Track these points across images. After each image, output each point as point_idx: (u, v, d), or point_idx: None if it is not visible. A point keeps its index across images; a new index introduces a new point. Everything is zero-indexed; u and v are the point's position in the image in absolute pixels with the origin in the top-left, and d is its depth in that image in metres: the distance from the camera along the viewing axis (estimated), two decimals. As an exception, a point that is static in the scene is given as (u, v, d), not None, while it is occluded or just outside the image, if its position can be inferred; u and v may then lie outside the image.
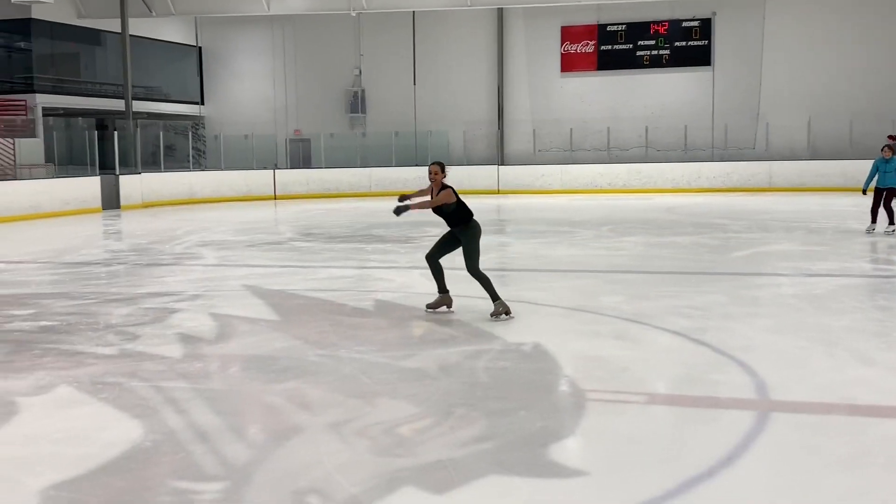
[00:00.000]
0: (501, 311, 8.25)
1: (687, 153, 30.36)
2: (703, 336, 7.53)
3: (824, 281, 10.77)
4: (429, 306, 8.66)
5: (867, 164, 15.87)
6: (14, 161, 24.64)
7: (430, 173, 8.40)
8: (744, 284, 10.53)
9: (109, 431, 5.30)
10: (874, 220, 14.94)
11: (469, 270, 8.39)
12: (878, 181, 14.88)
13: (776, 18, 29.55)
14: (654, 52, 30.87)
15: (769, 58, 29.85)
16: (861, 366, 6.67)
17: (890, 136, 15.11)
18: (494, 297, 8.33)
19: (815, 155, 28.44)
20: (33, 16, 27.54)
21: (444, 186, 8.35)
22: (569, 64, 31.63)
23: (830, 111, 28.86)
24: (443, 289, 8.62)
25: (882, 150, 14.96)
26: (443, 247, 8.68)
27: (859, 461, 4.72)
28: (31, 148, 26.27)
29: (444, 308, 8.62)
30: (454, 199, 8.30)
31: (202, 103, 34.91)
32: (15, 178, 23.90)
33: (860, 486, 4.39)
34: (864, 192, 15.27)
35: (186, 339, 7.78)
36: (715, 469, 4.56)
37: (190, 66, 34.57)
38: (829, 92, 29.15)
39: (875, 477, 4.50)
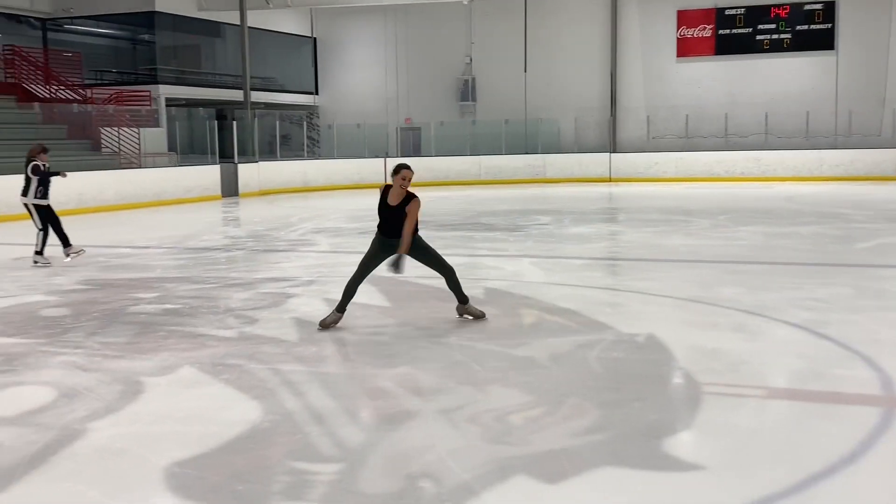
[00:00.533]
0: (473, 313, 7.74)
1: (809, 140, 29.41)
2: (826, 329, 7.27)
3: (956, 274, 10.33)
4: (322, 324, 7.62)
5: None
6: (139, 150, 25.57)
7: (403, 179, 7.46)
8: (869, 276, 10.16)
9: (230, 411, 5.46)
10: None
11: (447, 274, 7.71)
12: None
13: (906, -1, 28.38)
14: (775, 37, 30.01)
15: (897, 41, 28.70)
16: None
17: None
18: (464, 298, 7.75)
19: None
20: (157, 9, 28.46)
21: (411, 195, 7.55)
22: (685, 49, 31.02)
23: (963, 96, 27.61)
24: (343, 308, 7.68)
25: None
26: (370, 267, 7.78)
27: None
28: (154, 137, 27.19)
29: (334, 325, 7.66)
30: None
31: (316, 93, 35.53)
32: (140, 167, 24.80)
33: None
34: None
35: (302, 323, 7.94)
36: (837, 467, 4.42)
37: (305, 56, 35.23)
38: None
39: None
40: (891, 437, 4.86)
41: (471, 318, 7.74)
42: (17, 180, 19.58)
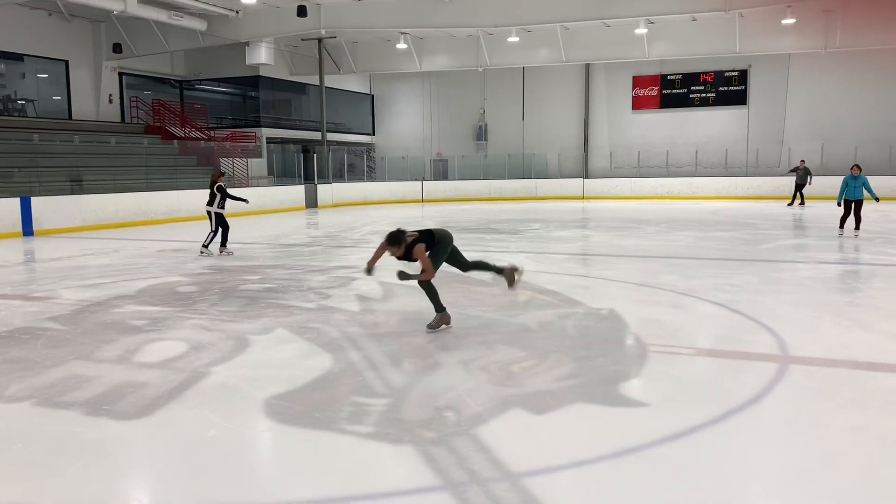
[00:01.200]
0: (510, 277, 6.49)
1: (727, 170, 29.17)
2: (738, 306, 7.24)
3: (833, 267, 10.19)
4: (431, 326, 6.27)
5: (842, 178, 14.09)
6: (247, 173, 25.72)
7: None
8: (770, 269, 10.07)
9: (310, 361, 5.49)
10: (842, 226, 13.76)
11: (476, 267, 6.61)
12: (847, 194, 13.51)
13: (797, 69, 28.07)
14: (703, 95, 29.73)
15: (791, 98, 28.42)
16: (861, 332, 6.29)
17: (855, 165, 13.75)
18: (499, 269, 6.61)
19: (826, 172, 26.79)
20: (261, 74, 28.63)
21: (411, 244, 6.08)
22: (638, 104, 30.78)
23: (839, 138, 27.33)
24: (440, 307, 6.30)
25: (851, 168, 13.57)
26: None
27: (859, 404, 4.47)
28: (258, 165, 27.37)
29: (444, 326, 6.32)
30: (423, 252, 6.07)
31: (373, 134, 35.56)
32: (248, 186, 24.97)
33: (859, 423, 4.16)
34: (839, 203, 13.69)
35: (362, 298, 7.97)
36: (745, 405, 4.41)
37: (365, 108, 35.26)
38: (837, 124, 27.64)
39: (871, 417, 4.25)
40: (784, 384, 4.83)
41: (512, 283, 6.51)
42: (162, 195, 19.88)
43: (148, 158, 22.76)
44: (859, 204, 13.61)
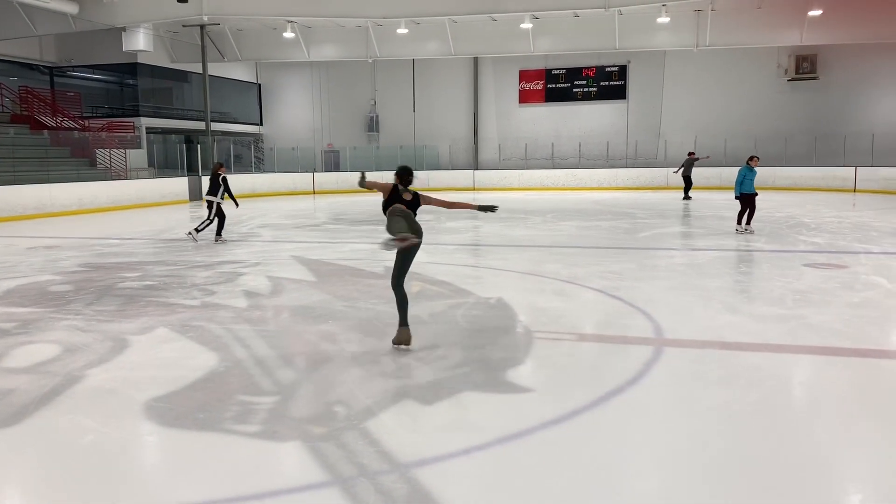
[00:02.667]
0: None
1: (609, 161, 30.35)
2: (617, 293, 7.55)
3: (704, 254, 10.80)
4: (396, 342, 5.46)
5: (737, 170, 13.04)
6: (126, 166, 24.41)
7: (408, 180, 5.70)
8: (647, 256, 10.55)
9: (194, 360, 5.29)
10: (739, 222, 12.88)
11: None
12: (744, 187, 12.60)
13: (672, 66, 29.55)
14: (586, 90, 30.78)
15: (667, 93, 29.89)
16: (729, 314, 6.71)
17: (754, 157, 12.97)
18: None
19: (700, 163, 28.42)
20: (139, 61, 27.19)
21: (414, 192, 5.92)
22: (524, 97, 31.47)
23: (710, 131, 28.98)
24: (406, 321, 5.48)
25: (749, 160, 12.65)
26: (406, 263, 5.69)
27: (727, 382, 4.77)
28: (138, 156, 26.02)
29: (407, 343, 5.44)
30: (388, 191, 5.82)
31: (261, 124, 34.55)
32: (127, 178, 23.69)
33: (728, 399, 4.44)
34: (737, 197, 12.71)
35: (250, 294, 7.77)
36: (624, 386, 4.61)
37: (252, 97, 34.20)
38: (709, 117, 29.30)
39: (739, 393, 4.55)
40: (660, 365, 5.08)
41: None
42: (32, 188, 18.56)
43: (15, 150, 21.13)
44: (753, 197, 12.72)
